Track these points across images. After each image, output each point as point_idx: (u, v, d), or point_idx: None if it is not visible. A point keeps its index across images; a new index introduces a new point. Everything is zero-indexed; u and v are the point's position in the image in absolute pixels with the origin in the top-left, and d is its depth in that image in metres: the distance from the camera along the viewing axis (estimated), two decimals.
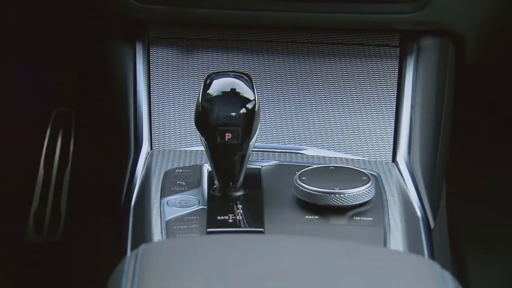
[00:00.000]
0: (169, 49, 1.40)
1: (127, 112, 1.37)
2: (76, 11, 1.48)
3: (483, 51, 1.47)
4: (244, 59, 1.39)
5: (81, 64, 1.71)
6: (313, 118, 1.34)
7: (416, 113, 1.33)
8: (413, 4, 1.31)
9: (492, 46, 1.49)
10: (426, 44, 1.37)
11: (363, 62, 1.38)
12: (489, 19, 1.40)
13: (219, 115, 1.10)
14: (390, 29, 1.36)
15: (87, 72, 1.69)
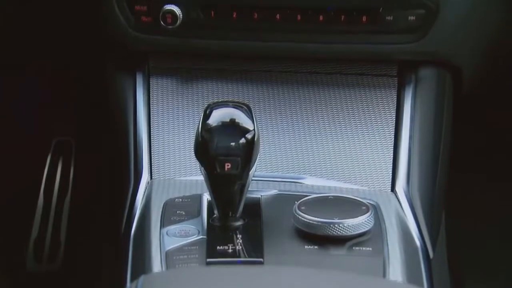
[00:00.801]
0: (169, 79, 1.41)
1: (127, 141, 1.38)
2: (77, 41, 1.50)
3: (481, 81, 1.48)
4: (244, 89, 1.41)
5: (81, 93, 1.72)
6: (312, 147, 1.35)
7: (415, 143, 1.33)
8: (411, 35, 1.32)
9: (489, 76, 1.50)
10: (424, 74, 1.38)
11: (362, 92, 1.39)
12: (486, 50, 1.41)
13: (218, 145, 1.11)
14: (388, 59, 1.38)
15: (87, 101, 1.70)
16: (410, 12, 1.30)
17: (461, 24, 1.33)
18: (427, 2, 1.29)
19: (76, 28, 1.46)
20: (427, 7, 1.29)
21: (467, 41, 1.37)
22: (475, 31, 1.37)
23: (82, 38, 1.48)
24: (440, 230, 1.37)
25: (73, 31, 1.49)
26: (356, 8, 1.31)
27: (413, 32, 1.32)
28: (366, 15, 1.31)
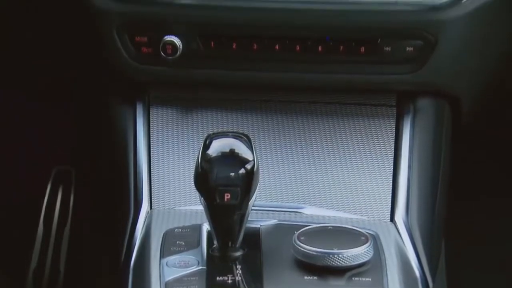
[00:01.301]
0: (169, 109, 1.42)
1: (127, 171, 1.38)
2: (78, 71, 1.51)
3: (479, 110, 1.49)
4: (243, 119, 1.41)
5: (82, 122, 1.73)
6: (311, 177, 1.36)
7: (414, 173, 1.34)
8: (409, 66, 1.33)
9: (488, 106, 1.51)
10: (422, 104, 1.39)
11: (361, 122, 1.39)
12: (485, 80, 1.43)
13: (218, 175, 1.11)
14: (386, 90, 1.39)
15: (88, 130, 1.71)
16: (408, 43, 1.31)
17: (459, 55, 1.35)
18: (425, 33, 1.30)
19: (77, 59, 1.47)
20: (425, 38, 1.30)
21: (465, 72, 1.38)
22: (473, 62, 1.38)
23: (82, 68, 1.49)
24: (440, 259, 1.37)
25: (74, 61, 1.49)
26: (354, 39, 1.32)
27: (411, 63, 1.33)
28: (364, 45, 1.32)
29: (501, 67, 1.42)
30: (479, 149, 1.77)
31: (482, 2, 1.29)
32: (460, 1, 1.28)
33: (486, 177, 1.83)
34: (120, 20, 1.34)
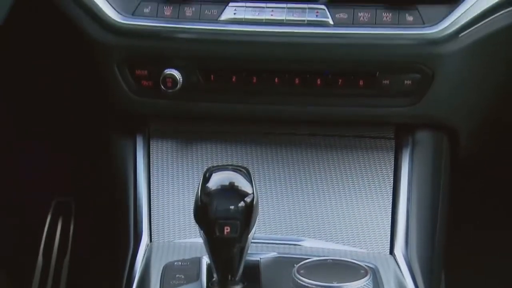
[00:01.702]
0: (169, 142, 1.43)
1: (127, 203, 1.38)
2: (78, 104, 1.51)
3: (477, 143, 1.50)
4: (243, 151, 1.42)
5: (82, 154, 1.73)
6: (311, 209, 1.36)
7: (413, 205, 1.34)
8: (407, 99, 1.35)
9: (485, 138, 1.52)
10: (421, 137, 1.40)
11: (360, 154, 1.40)
12: (482, 113, 1.44)
13: (218, 209, 1.11)
14: (385, 122, 1.40)
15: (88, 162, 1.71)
16: (406, 76, 1.33)
17: (457, 89, 1.36)
18: (422, 67, 1.32)
19: (77, 92, 1.48)
20: (423, 72, 1.32)
21: (462, 105, 1.39)
22: (471, 96, 1.39)
23: (83, 102, 1.50)
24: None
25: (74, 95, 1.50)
26: (353, 72, 1.33)
27: (409, 96, 1.34)
28: (363, 79, 1.34)
29: (498, 100, 1.43)
30: (477, 180, 1.77)
31: (479, 37, 1.30)
32: (457, 36, 1.30)
33: (485, 209, 1.83)
34: (121, 54, 1.35)
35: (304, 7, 1.32)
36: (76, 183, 1.92)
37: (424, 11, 1.30)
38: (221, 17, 1.33)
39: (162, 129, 1.43)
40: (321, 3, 1.32)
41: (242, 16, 1.32)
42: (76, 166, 1.86)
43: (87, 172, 1.79)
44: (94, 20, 1.33)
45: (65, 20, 1.35)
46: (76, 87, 1.47)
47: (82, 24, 1.34)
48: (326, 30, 1.31)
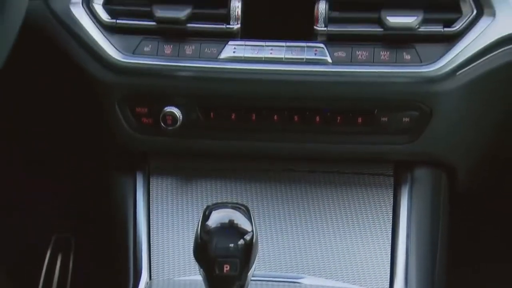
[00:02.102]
0: (168, 179, 1.43)
1: (127, 241, 1.39)
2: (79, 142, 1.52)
3: (476, 180, 1.50)
4: (242, 188, 1.42)
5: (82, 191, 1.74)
6: (310, 246, 1.36)
7: (412, 242, 1.35)
8: (406, 136, 1.36)
9: (484, 175, 1.52)
10: (419, 174, 1.41)
11: (359, 191, 1.41)
12: (480, 151, 1.44)
13: (217, 246, 1.11)
14: (383, 159, 1.40)
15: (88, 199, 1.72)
16: (404, 114, 1.34)
17: (455, 126, 1.37)
18: (420, 104, 1.33)
19: (77, 129, 1.49)
20: (421, 109, 1.33)
21: (461, 143, 1.40)
22: (469, 133, 1.40)
23: (83, 139, 1.50)
24: None
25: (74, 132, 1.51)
26: (351, 110, 1.35)
27: (408, 134, 1.35)
28: (361, 116, 1.35)
29: (497, 138, 1.44)
30: (476, 215, 1.77)
31: (476, 75, 1.32)
32: (454, 74, 1.31)
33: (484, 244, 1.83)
34: (122, 92, 1.36)
35: (303, 46, 1.33)
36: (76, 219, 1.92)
37: (422, 49, 1.31)
38: (220, 55, 1.34)
39: (162, 166, 1.43)
40: (319, 41, 1.33)
41: (242, 54, 1.34)
42: (76, 202, 1.86)
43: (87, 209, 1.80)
44: (95, 59, 1.34)
45: (66, 59, 1.36)
46: (77, 124, 1.48)
47: (84, 63, 1.35)
48: (324, 68, 1.32)
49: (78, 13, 1.35)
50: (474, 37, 1.30)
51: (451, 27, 1.31)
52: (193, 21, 1.34)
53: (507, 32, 1.30)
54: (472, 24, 1.30)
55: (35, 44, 1.37)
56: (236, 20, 1.34)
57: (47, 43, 1.37)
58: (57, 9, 1.35)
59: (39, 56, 1.41)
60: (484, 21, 1.30)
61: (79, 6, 1.35)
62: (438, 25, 1.31)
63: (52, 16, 1.36)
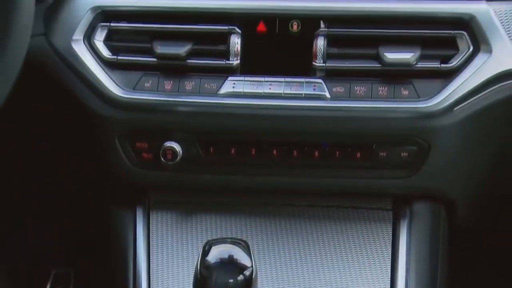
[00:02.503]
0: (168, 213, 1.44)
1: (126, 275, 1.39)
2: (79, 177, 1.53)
3: (474, 214, 1.51)
4: (242, 223, 1.43)
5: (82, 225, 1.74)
6: (309, 281, 1.36)
7: (411, 276, 1.35)
8: (404, 171, 1.36)
9: (483, 209, 1.53)
10: (418, 208, 1.41)
11: (358, 225, 1.41)
12: (479, 185, 1.45)
13: (217, 282, 1.12)
14: (382, 194, 1.41)
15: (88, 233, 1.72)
16: (403, 149, 1.34)
17: (453, 161, 1.37)
18: (418, 139, 1.33)
19: (77, 164, 1.50)
20: (419, 144, 1.34)
21: (459, 177, 1.41)
22: (467, 167, 1.41)
23: (83, 173, 1.51)
24: None
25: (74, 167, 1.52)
26: (350, 144, 1.35)
27: (406, 168, 1.36)
28: (360, 151, 1.35)
29: (495, 173, 1.44)
30: (476, 251, 1.77)
31: (473, 110, 1.32)
32: (452, 110, 1.31)
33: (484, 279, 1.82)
34: (122, 127, 1.37)
35: (302, 81, 1.34)
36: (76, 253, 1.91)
37: (419, 85, 1.32)
38: (220, 90, 1.35)
39: (162, 200, 1.44)
40: (318, 77, 1.34)
41: (241, 90, 1.35)
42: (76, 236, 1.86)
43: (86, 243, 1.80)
44: (96, 94, 1.35)
45: (67, 95, 1.37)
46: (77, 159, 1.49)
47: (85, 99, 1.36)
48: (323, 103, 1.33)
49: (80, 49, 1.36)
50: (471, 73, 1.31)
51: (448, 63, 1.32)
52: (193, 57, 1.35)
53: (503, 68, 1.31)
54: (469, 60, 1.31)
55: (36, 80, 1.38)
56: (235, 56, 1.35)
57: (48, 78, 1.39)
58: (59, 46, 1.37)
59: (39, 91, 1.42)
60: (480, 57, 1.31)
61: (81, 43, 1.37)
62: (435, 61, 1.32)
63: (54, 53, 1.37)
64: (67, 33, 1.36)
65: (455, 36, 1.32)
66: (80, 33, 1.37)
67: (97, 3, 1.37)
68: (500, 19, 1.31)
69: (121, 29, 1.38)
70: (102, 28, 1.37)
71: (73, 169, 1.52)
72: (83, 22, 1.36)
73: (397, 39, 1.33)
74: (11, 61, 1.08)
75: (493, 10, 1.32)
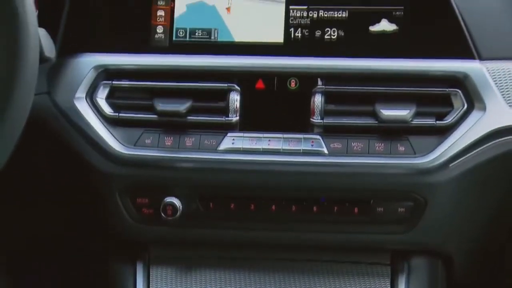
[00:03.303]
0: (169, 269, 1.44)
1: None
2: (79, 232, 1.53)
3: (472, 269, 1.51)
4: (241, 277, 1.43)
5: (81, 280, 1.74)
6: None
7: None
8: (401, 226, 1.37)
9: (481, 264, 1.53)
10: (416, 263, 1.42)
11: (356, 280, 1.42)
12: (476, 240, 1.46)
13: None
14: (380, 249, 1.42)
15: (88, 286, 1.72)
16: (400, 204, 1.36)
17: (450, 216, 1.38)
18: (415, 195, 1.35)
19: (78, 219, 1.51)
20: (416, 200, 1.35)
21: (456, 232, 1.41)
22: (464, 223, 1.41)
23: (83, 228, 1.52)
24: None
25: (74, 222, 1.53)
26: (348, 200, 1.37)
27: (403, 223, 1.37)
28: (357, 206, 1.37)
29: (492, 228, 1.45)
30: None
31: (469, 166, 1.34)
32: (447, 166, 1.33)
33: None
34: (123, 183, 1.39)
35: (300, 137, 1.36)
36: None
37: (415, 141, 1.34)
38: (220, 146, 1.37)
39: (162, 255, 1.45)
40: (316, 133, 1.36)
41: (240, 146, 1.37)
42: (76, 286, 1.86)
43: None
44: (98, 151, 1.37)
45: (69, 151, 1.39)
46: (77, 214, 1.50)
47: (86, 155, 1.38)
48: (321, 159, 1.35)
49: (82, 107, 1.38)
50: (466, 130, 1.32)
51: (443, 120, 1.34)
52: (193, 113, 1.38)
53: (497, 125, 1.33)
54: (464, 117, 1.33)
55: (38, 136, 1.39)
56: (234, 113, 1.37)
57: (50, 135, 1.40)
58: (62, 103, 1.39)
59: (41, 147, 1.44)
60: (475, 115, 1.33)
61: (83, 100, 1.39)
62: (431, 118, 1.34)
63: (57, 110, 1.39)
64: (70, 91, 1.39)
65: (449, 94, 1.35)
66: (83, 91, 1.39)
67: (100, 62, 1.40)
68: (493, 77, 1.34)
69: (122, 87, 1.40)
70: (104, 86, 1.40)
71: (73, 224, 1.53)
72: (86, 80, 1.39)
73: (393, 96, 1.35)
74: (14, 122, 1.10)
75: (486, 68, 1.34)
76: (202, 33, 1.41)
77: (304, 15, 1.39)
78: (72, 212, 1.51)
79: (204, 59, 1.39)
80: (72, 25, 1.43)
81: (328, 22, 1.38)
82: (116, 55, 1.41)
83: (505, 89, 1.33)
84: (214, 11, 1.41)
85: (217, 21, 1.41)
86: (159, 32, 1.41)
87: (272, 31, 1.39)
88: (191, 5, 1.42)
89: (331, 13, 1.39)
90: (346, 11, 1.38)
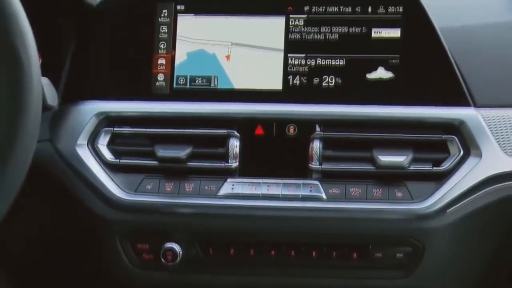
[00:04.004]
0: None
1: None
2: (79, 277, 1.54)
3: None
4: None
5: None
6: None
7: None
8: (400, 271, 1.38)
9: None
10: None
11: None
12: (476, 284, 1.46)
13: None
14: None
15: None
16: (398, 250, 1.36)
17: (448, 261, 1.39)
18: (413, 240, 1.35)
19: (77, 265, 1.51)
20: (414, 245, 1.36)
21: (455, 276, 1.42)
22: (463, 267, 1.42)
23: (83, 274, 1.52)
24: None
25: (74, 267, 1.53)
26: (347, 245, 1.37)
27: (402, 269, 1.38)
28: (356, 251, 1.37)
29: (490, 270, 1.45)
30: None
31: (466, 212, 1.35)
32: (445, 211, 1.34)
33: None
34: (123, 228, 1.40)
35: (299, 183, 1.38)
36: None
37: (412, 187, 1.36)
38: (219, 192, 1.38)
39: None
40: (314, 178, 1.38)
41: (240, 191, 1.38)
42: None
43: None
44: (98, 197, 1.38)
45: (70, 197, 1.40)
46: (77, 259, 1.50)
47: (87, 201, 1.39)
48: (319, 204, 1.36)
49: (84, 153, 1.40)
50: (462, 176, 1.34)
51: (440, 166, 1.35)
52: (193, 159, 1.39)
53: (493, 172, 1.34)
54: (460, 163, 1.35)
55: (39, 182, 1.39)
56: (234, 158, 1.39)
57: (51, 181, 1.41)
58: (63, 150, 1.41)
59: (42, 193, 1.44)
60: (471, 161, 1.35)
61: (85, 147, 1.41)
62: (428, 164, 1.36)
63: (58, 157, 1.41)
64: (71, 138, 1.41)
65: (446, 140, 1.36)
66: (84, 138, 1.41)
67: (102, 109, 1.42)
68: (488, 124, 1.36)
69: (123, 133, 1.42)
70: (105, 133, 1.42)
71: (73, 270, 1.53)
72: (87, 127, 1.41)
73: (390, 143, 1.37)
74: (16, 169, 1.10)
75: (481, 115, 1.36)
76: (202, 80, 1.43)
77: (302, 63, 1.42)
78: (71, 257, 1.51)
79: (204, 106, 1.41)
80: (74, 73, 1.45)
81: (326, 69, 1.41)
82: (117, 102, 1.43)
83: (500, 136, 1.35)
84: (214, 59, 1.43)
85: (217, 69, 1.43)
86: (160, 79, 1.44)
87: (271, 79, 1.42)
88: (192, 53, 1.44)
89: (329, 61, 1.41)
90: (343, 59, 1.41)
